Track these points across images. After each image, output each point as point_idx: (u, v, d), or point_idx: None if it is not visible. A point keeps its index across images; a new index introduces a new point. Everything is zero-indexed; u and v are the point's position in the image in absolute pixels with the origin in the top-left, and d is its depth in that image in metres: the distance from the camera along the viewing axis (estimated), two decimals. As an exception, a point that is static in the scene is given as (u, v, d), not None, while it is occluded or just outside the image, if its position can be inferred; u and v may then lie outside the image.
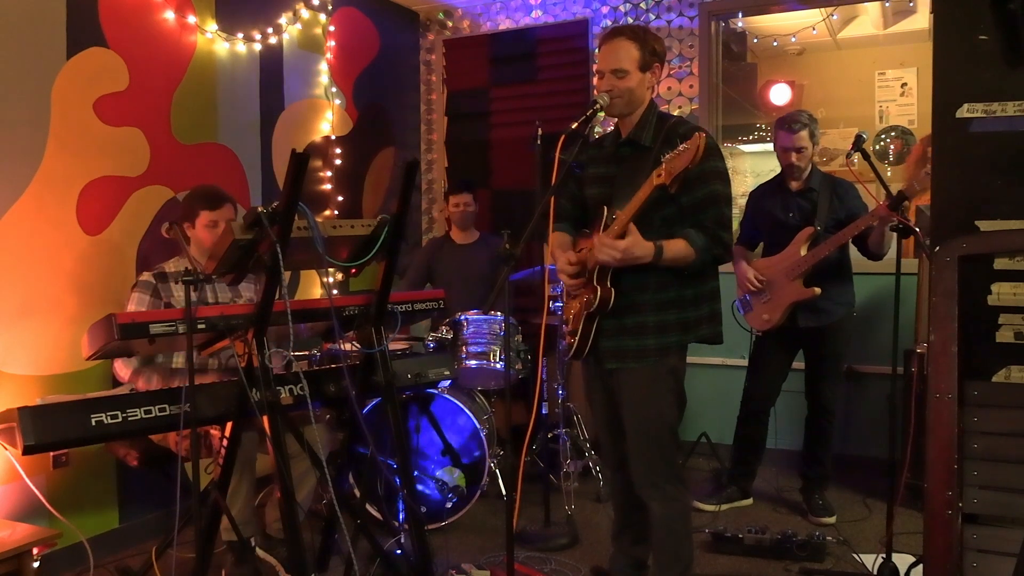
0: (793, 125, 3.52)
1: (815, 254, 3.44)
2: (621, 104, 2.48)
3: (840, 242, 3.41)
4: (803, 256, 3.47)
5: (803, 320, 3.55)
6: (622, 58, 2.45)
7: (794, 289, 3.49)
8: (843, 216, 3.49)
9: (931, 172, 2.20)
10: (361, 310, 2.61)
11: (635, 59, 2.45)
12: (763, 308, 3.61)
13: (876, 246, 3.45)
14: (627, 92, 2.46)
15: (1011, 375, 2.00)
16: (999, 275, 2.01)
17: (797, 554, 3.11)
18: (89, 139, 3.26)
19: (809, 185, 3.58)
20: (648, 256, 2.34)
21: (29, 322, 3.06)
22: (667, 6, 4.72)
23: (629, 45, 2.45)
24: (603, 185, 2.58)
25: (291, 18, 4.28)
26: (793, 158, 3.54)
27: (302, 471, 2.99)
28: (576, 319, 2.55)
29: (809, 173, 3.60)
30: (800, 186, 3.60)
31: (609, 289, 2.45)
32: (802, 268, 3.46)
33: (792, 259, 3.50)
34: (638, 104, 2.51)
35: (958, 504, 1.85)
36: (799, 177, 3.59)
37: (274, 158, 4.20)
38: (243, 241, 2.19)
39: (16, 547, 2.57)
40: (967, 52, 2.08)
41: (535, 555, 3.24)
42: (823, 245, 3.43)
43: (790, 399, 3.85)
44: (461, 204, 4.36)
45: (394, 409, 2.62)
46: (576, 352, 2.58)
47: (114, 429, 2.36)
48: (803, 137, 3.51)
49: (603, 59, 2.49)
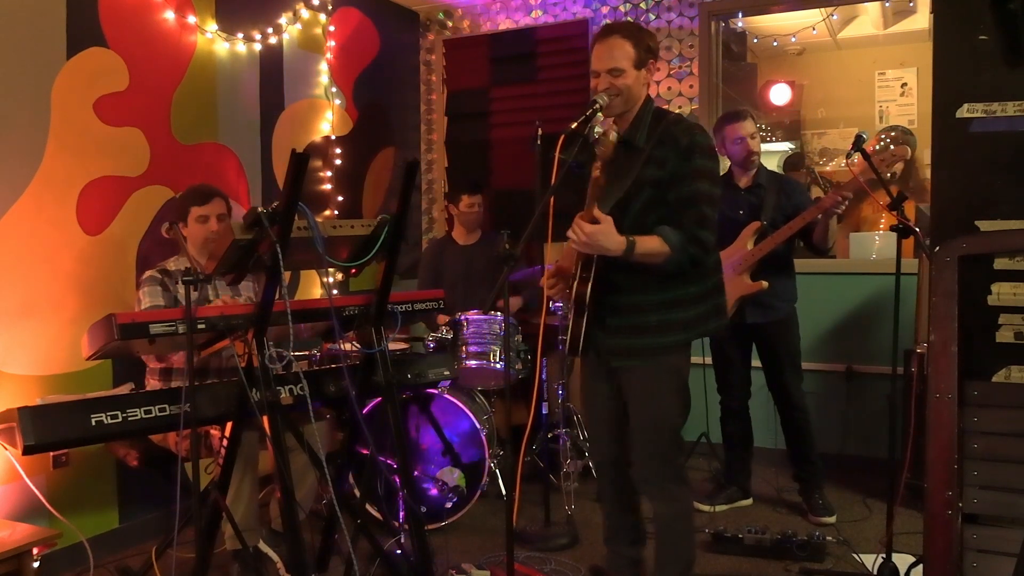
0: (739, 112, 3.63)
1: (761, 248, 3.50)
2: (620, 103, 2.47)
3: (787, 234, 3.46)
4: (750, 250, 3.52)
5: (750, 315, 3.60)
6: (617, 56, 2.43)
7: (741, 283, 3.52)
8: (790, 211, 3.54)
9: (931, 172, 2.20)
10: (361, 310, 2.61)
11: (631, 57, 2.44)
12: None
13: (821, 240, 3.53)
14: (625, 90, 2.45)
15: (1011, 375, 2.00)
16: (999, 275, 2.01)
17: (797, 554, 3.11)
18: (89, 139, 3.26)
19: (757, 181, 3.64)
20: (618, 249, 2.29)
21: (29, 322, 3.06)
22: (667, 6, 4.72)
23: (624, 43, 2.43)
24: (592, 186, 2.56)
25: (291, 18, 4.27)
26: (750, 144, 3.59)
27: (301, 465, 2.98)
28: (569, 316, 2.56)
29: (757, 171, 3.65)
30: (748, 183, 3.65)
31: (585, 285, 2.41)
32: (749, 262, 3.51)
33: (739, 253, 3.54)
34: (635, 102, 2.49)
35: (958, 504, 1.85)
36: (753, 168, 3.64)
37: (274, 158, 4.20)
38: (243, 241, 2.19)
39: (16, 547, 2.57)
40: (967, 52, 2.08)
41: (535, 555, 3.24)
42: (769, 239, 3.49)
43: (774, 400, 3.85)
44: (475, 205, 4.36)
45: (394, 409, 2.62)
46: (571, 348, 2.54)
47: (114, 429, 2.37)
48: (751, 124, 3.60)
49: (598, 59, 2.47)
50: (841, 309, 4.32)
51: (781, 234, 3.47)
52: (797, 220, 3.44)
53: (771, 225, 3.52)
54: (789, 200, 3.59)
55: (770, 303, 3.59)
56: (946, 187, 2.15)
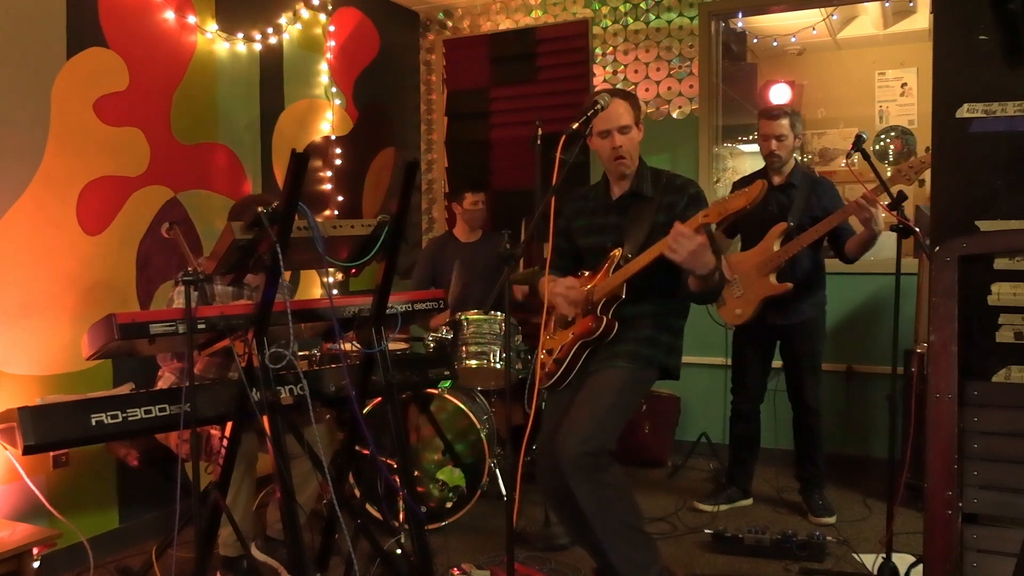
0: (773, 111, 3.58)
1: (787, 250, 3.47)
2: (630, 159, 2.66)
3: (812, 238, 3.43)
4: (775, 252, 3.50)
5: (771, 317, 3.58)
6: (623, 115, 2.62)
7: (766, 284, 3.51)
8: (819, 213, 3.51)
9: (931, 172, 2.20)
10: (361, 310, 2.61)
11: (632, 115, 2.65)
12: (736, 303, 3.62)
13: (854, 251, 3.48)
14: (634, 148, 2.65)
15: (1011, 375, 2.00)
16: (999, 275, 2.01)
17: (797, 554, 3.11)
18: (89, 139, 3.26)
19: (790, 180, 3.61)
20: (711, 264, 2.34)
21: (29, 322, 3.06)
22: (667, 6, 4.72)
23: (623, 103, 2.63)
24: (601, 233, 2.73)
25: (291, 18, 4.28)
26: (773, 145, 3.57)
27: (304, 472, 2.99)
28: (566, 347, 2.63)
29: (792, 170, 3.62)
30: (781, 181, 3.62)
31: (613, 320, 2.57)
32: (774, 264, 3.49)
33: (765, 254, 3.53)
34: (636, 159, 2.69)
35: (958, 504, 1.85)
36: (780, 170, 3.61)
37: (274, 158, 4.20)
38: (243, 241, 2.19)
39: (16, 547, 2.57)
40: (967, 52, 2.08)
41: (535, 555, 3.24)
42: (795, 241, 3.46)
43: (788, 399, 3.85)
44: (479, 202, 4.36)
45: (394, 409, 2.62)
46: (559, 379, 2.67)
47: (114, 429, 2.36)
48: (783, 125, 3.55)
49: (606, 119, 2.59)
50: (841, 309, 4.31)
51: (807, 237, 3.42)
52: (822, 224, 3.40)
53: (798, 227, 3.49)
54: (819, 202, 3.54)
55: (795, 305, 3.56)
56: (946, 187, 2.15)
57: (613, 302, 2.59)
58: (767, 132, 3.58)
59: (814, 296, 3.63)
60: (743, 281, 3.59)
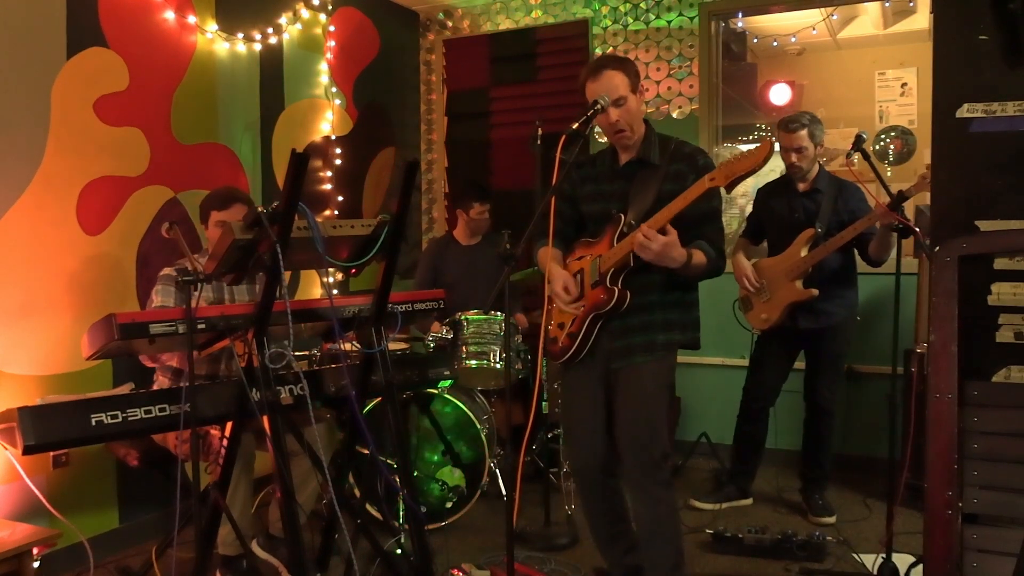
0: (791, 124, 3.53)
1: (814, 255, 3.45)
2: (631, 130, 2.57)
3: (839, 244, 3.41)
4: (803, 257, 3.48)
5: (803, 321, 3.57)
6: (618, 86, 2.52)
7: (793, 290, 3.50)
8: (846, 218, 3.48)
9: (931, 172, 2.20)
10: (361, 310, 2.61)
11: (626, 84, 2.54)
12: (763, 308, 3.62)
13: (876, 253, 3.44)
14: (633, 117, 2.56)
15: (1011, 375, 2.00)
16: (999, 275, 2.01)
17: (797, 554, 3.11)
18: (89, 139, 3.26)
19: (815, 186, 3.59)
20: (680, 260, 2.38)
21: (29, 322, 3.06)
22: (667, 6, 4.72)
23: (615, 73, 2.53)
24: (607, 200, 2.65)
25: (291, 18, 4.27)
26: (793, 158, 3.55)
27: (304, 471, 2.98)
28: (579, 320, 2.57)
29: (817, 174, 3.60)
30: (807, 187, 3.60)
31: (625, 290, 2.52)
32: (801, 269, 3.47)
33: (792, 260, 3.51)
34: (639, 126, 2.60)
35: (958, 504, 1.85)
36: (803, 177, 3.60)
37: (274, 158, 4.20)
38: (243, 241, 2.19)
39: (16, 547, 2.57)
40: (967, 52, 2.08)
41: (535, 555, 3.24)
42: (822, 247, 3.44)
43: (790, 399, 3.85)
44: (485, 212, 4.33)
45: (394, 409, 2.62)
46: (575, 353, 2.60)
47: (114, 429, 2.36)
48: (802, 137, 3.51)
49: (597, 93, 2.52)
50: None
51: (833, 243, 3.41)
52: (848, 230, 3.37)
53: (825, 232, 3.48)
54: (846, 206, 3.52)
55: (823, 309, 3.55)
56: (946, 187, 2.15)
57: (622, 271, 2.52)
58: (786, 145, 3.55)
59: (844, 297, 3.60)
60: (770, 286, 3.59)
